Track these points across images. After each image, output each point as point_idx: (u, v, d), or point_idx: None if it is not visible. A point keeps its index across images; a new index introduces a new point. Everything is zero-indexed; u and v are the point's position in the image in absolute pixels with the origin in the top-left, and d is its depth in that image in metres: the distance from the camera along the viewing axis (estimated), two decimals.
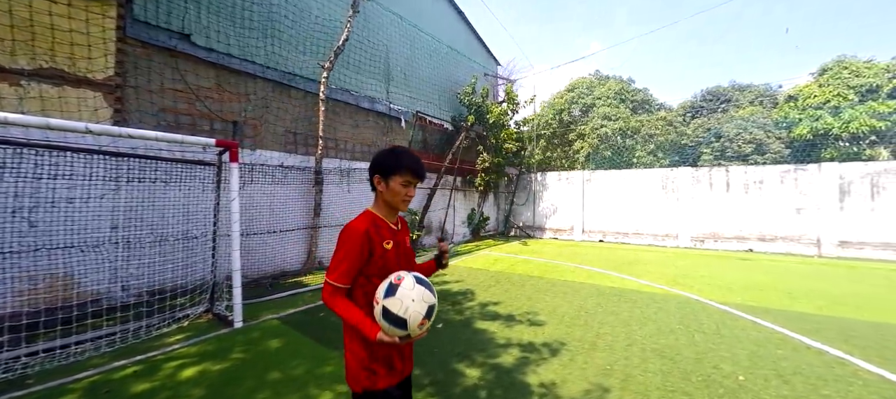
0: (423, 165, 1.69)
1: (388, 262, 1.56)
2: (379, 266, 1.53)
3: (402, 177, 1.57)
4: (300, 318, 4.73)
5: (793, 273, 7.57)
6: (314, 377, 3.16)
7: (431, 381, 3.07)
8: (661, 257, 9.43)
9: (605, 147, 20.31)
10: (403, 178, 1.57)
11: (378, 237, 1.54)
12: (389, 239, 1.59)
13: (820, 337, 4.04)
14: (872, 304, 5.34)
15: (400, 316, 1.33)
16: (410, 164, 1.58)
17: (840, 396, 2.86)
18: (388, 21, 9.25)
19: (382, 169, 1.58)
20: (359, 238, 1.48)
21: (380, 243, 1.54)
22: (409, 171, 1.57)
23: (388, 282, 1.40)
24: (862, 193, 9.71)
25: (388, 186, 1.57)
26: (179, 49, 5.82)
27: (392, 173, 1.57)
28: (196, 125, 6.01)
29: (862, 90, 17.26)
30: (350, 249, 1.47)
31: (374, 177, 1.60)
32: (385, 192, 1.58)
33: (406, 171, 1.57)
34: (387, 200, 1.60)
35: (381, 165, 1.59)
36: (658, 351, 3.62)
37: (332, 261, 1.49)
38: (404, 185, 1.58)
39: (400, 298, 1.35)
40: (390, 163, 1.57)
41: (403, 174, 1.57)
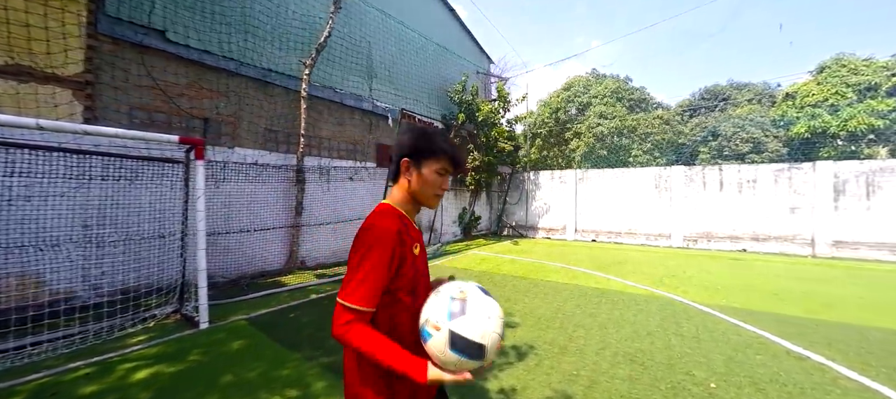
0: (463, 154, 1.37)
1: (418, 271, 1.24)
2: (409, 277, 1.18)
3: (439, 163, 1.24)
4: (269, 318, 4.62)
5: (783, 274, 7.42)
6: (267, 381, 3.04)
7: None
8: (651, 257, 9.29)
9: (601, 146, 20.17)
10: (440, 164, 1.25)
11: (408, 239, 1.20)
12: (417, 241, 1.28)
13: (803, 341, 3.91)
14: (862, 306, 5.20)
15: (476, 342, 1.01)
16: (451, 149, 1.28)
17: None
18: (372, 18, 9.12)
19: (415, 151, 1.24)
20: (390, 242, 1.12)
21: (411, 248, 1.21)
22: (448, 158, 1.26)
23: (449, 298, 1.08)
24: (857, 193, 9.54)
25: (421, 174, 1.24)
26: (154, 45, 5.70)
27: (427, 158, 1.24)
28: (171, 123, 5.90)
29: (860, 88, 17.06)
30: (379, 258, 1.09)
31: (401, 161, 1.25)
32: (414, 182, 1.25)
33: (444, 158, 1.25)
34: (415, 192, 1.26)
35: (413, 148, 1.25)
36: (630, 356, 3.49)
37: (348, 275, 1.11)
38: (440, 173, 1.26)
39: (472, 318, 1.03)
40: (426, 145, 1.24)
41: (441, 160, 1.25)
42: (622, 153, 20.08)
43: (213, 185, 6.04)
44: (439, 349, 1.02)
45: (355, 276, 1.09)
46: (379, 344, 1.04)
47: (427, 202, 1.30)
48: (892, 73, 17.00)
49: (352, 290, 1.08)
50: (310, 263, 7.76)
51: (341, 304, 1.08)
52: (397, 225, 1.16)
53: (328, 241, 8.21)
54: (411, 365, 1.02)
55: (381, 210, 1.22)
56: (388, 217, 1.17)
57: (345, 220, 8.48)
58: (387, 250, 1.10)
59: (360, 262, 1.10)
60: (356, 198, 8.80)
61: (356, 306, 1.06)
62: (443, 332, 1.02)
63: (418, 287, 1.22)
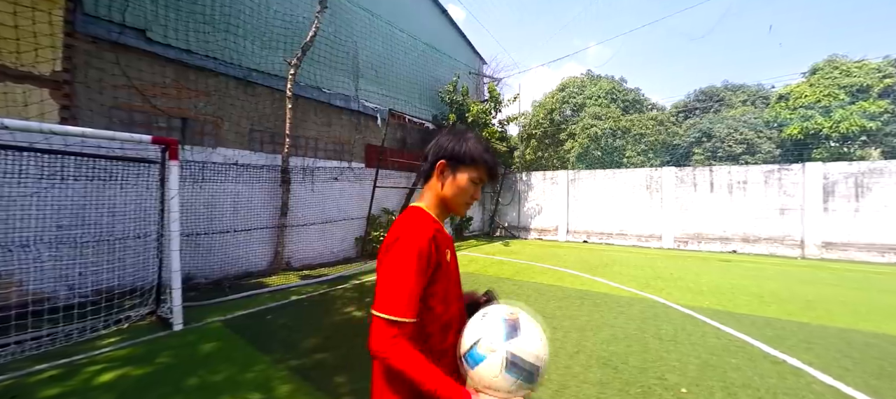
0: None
1: (451, 279, 1.18)
2: (443, 285, 1.12)
3: (475, 171, 1.20)
4: (245, 321, 4.56)
5: (771, 275, 7.41)
6: (233, 384, 2.99)
7: (353, 390, 2.90)
8: (640, 259, 9.27)
9: (595, 147, 20.16)
10: (477, 173, 1.20)
11: (443, 245, 1.15)
12: (449, 247, 1.21)
13: (781, 345, 3.88)
14: (845, 308, 5.18)
15: (534, 365, 0.98)
16: (491, 160, 1.22)
17: None
18: (360, 18, 9.07)
19: (454, 155, 1.19)
20: (428, 247, 1.06)
21: (444, 254, 1.15)
22: (486, 167, 1.21)
23: (501, 319, 1.03)
24: (846, 194, 9.55)
25: (455, 179, 1.19)
26: (134, 45, 5.65)
27: (464, 164, 1.20)
28: (151, 122, 5.85)
29: (852, 90, 17.12)
30: (418, 264, 1.03)
31: (438, 163, 1.20)
32: (447, 186, 1.20)
33: (482, 166, 1.21)
34: (445, 197, 1.21)
35: (452, 152, 1.19)
36: (604, 359, 3.45)
37: (384, 284, 1.02)
38: (474, 182, 1.21)
39: (528, 340, 0.99)
40: (464, 151, 1.19)
41: (479, 169, 1.20)
42: (616, 154, 20.09)
43: (193, 185, 5.99)
44: (493, 372, 0.96)
45: (394, 284, 1.00)
46: (423, 367, 0.96)
47: (456, 210, 1.25)
48: (884, 75, 17.07)
49: (394, 300, 0.99)
50: (295, 264, 7.70)
51: (384, 318, 0.98)
52: (432, 229, 1.10)
53: (315, 242, 8.16)
54: (456, 393, 0.95)
55: (414, 213, 1.17)
56: (423, 221, 1.12)
57: (331, 221, 8.43)
58: (424, 256, 1.04)
59: (398, 268, 1.02)
60: (344, 198, 8.76)
61: (402, 318, 0.98)
62: (498, 353, 0.97)
63: (450, 295, 1.15)
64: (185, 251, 6.03)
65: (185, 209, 6.00)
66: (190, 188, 6.02)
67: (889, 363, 3.47)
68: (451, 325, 1.13)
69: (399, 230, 1.08)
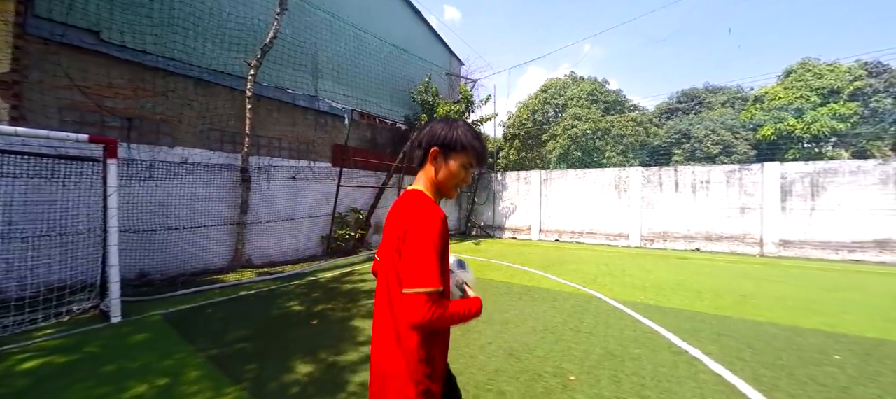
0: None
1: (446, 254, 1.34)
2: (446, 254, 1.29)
3: (465, 157, 1.32)
4: (185, 314, 4.69)
5: (719, 272, 7.63)
6: (146, 370, 3.12)
7: (256, 376, 3.05)
8: (600, 257, 9.48)
9: (575, 147, 20.42)
10: (467, 158, 1.32)
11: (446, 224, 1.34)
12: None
13: (692, 337, 4.05)
14: (775, 303, 5.37)
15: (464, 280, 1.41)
16: (478, 145, 1.34)
17: (662, 396, 2.85)
18: (321, 20, 9.17)
19: (445, 142, 1.31)
20: (442, 228, 1.20)
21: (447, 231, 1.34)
22: (475, 153, 1.33)
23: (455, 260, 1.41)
24: (803, 193, 9.82)
25: (447, 165, 1.31)
26: (87, 46, 5.76)
27: (455, 150, 1.31)
28: (104, 122, 5.96)
29: (823, 92, 17.50)
30: (440, 243, 1.18)
31: (430, 150, 1.31)
32: (441, 171, 1.32)
33: (471, 152, 1.32)
34: (438, 181, 1.33)
35: (444, 139, 1.31)
36: (511, 350, 3.62)
37: (415, 263, 1.13)
38: (465, 167, 1.34)
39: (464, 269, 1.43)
40: (454, 138, 1.31)
41: (468, 154, 1.32)
42: (596, 154, 20.36)
43: (146, 182, 6.11)
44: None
45: (424, 262, 1.12)
46: (459, 308, 1.19)
47: (447, 193, 1.38)
48: (854, 77, 17.46)
49: (427, 276, 1.11)
50: (257, 261, 7.82)
51: (423, 292, 1.10)
52: (443, 213, 1.23)
53: (278, 240, 8.28)
54: (475, 304, 1.25)
55: (419, 198, 1.27)
56: (433, 205, 1.24)
57: (295, 219, 8.56)
58: (442, 236, 1.18)
59: (424, 249, 1.14)
60: (308, 197, 8.89)
61: (436, 288, 1.11)
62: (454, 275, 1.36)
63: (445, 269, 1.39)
64: (138, 248, 6.16)
65: (138, 206, 6.13)
66: (144, 186, 6.14)
67: (787, 354, 3.64)
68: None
69: (413, 215, 1.19)
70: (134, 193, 6.04)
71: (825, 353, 3.62)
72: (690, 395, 2.86)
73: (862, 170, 9.27)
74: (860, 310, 5.05)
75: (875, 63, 17.68)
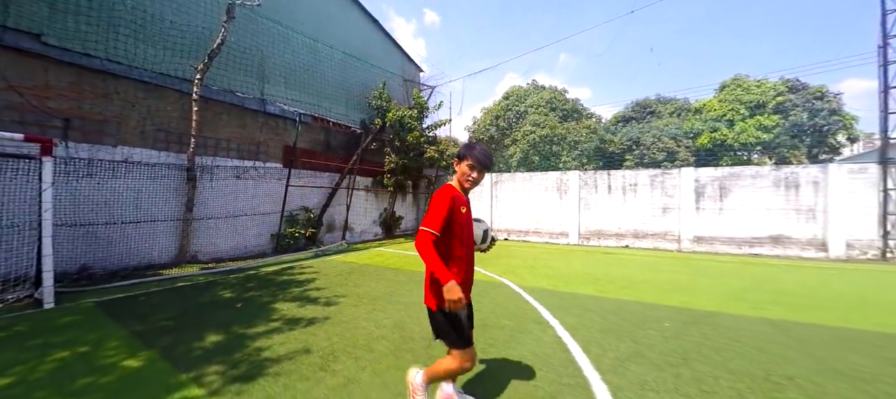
0: (492, 159, 2.31)
1: (462, 222, 2.13)
2: (459, 223, 2.10)
3: (468, 161, 2.16)
4: (118, 301, 5.08)
5: (629, 264, 8.60)
6: (71, 342, 3.55)
7: (170, 344, 3.55)
8: (533, 252, 10.34)
9: (533, 153, 21.49)
10: (469, 162, 2.16)
11: (458, 203, 2.12)
12: (464, 205, 2.18)
13: (560, 312, 4.71)
14: (653, 288, 6.24)
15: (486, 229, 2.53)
16: (478, 154, 2.16)
17: (503, 350, 3.57)
18: (267, 28, 9.54)
19: (459, 154, 2.21)
20: (449, 199, 2.03)
21: (459, 208, 2.12)
22: (476, 159, 2.15)
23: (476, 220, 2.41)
24: (713, 195, 11.05)
25: (459, 167, 2.19)
26: (27, 48, 6.03)
27: (462, 159, 2.18)
28: (46, 123, 6.22)
29: (751, 106, 19.30)
30: (442, 207, 2.00)
31: (453, 160, 2.25)
32: (457, 172, 2.20)
33: (473, 158, 2.15)
34: (458, 178, 2.20)
35: (458, 153, 2.23)
36: (400, 323, 4.25)
37: (426, 216, 2.02)
38: (469, 168, 2.16)
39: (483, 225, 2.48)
40: (463, 151, 2.20)
41: (469, 160, 2.16)
42: (553, 159, 21.51)
43: (87, 180, 6.40)
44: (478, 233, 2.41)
45: (431, 214, 2.00)
46: (431, 256, 1.92)
47: (463, 184, 2.20)
48: (777, 93, 19.36)
49: (428, 222, 1.99)
50: (203, 258, 8.16)
51: (423, 229, 1.97)
52: (452, 193, 2.09)
53: (226, 238, 8.64)
54: (443, 273, 1.90)
55: (446, 186, 2.15)
56: (449, 189, 2.12)
57: (242, 217, 8.93)
58: (447, 203, 2.02)
59: (433, 208, 2.02)
60: (258, 196, 9.29)
61: (430, 229, 1.97)
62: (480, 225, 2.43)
63: (464, 230, 2.15)
64: (81, 243, 6.43)
65: (81, 203, 6.41)
66: (85, 183, 6.43)
67: (629, 323, 4.39)
68: (463, 243, 2.15)
69: (437, 192, 2.09)
70: (76, 190, 6.33)
71: (660, 321, 4.46)
72: (526, 349, 3.57)
73: (759, 175, 10.58)
74: (718, 291, 6.02)
75: (794, 80, 19.66)
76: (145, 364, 3.13)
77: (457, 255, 2.12)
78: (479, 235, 2.42)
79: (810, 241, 10.04)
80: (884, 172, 9.46)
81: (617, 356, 3.39)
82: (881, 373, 3.11)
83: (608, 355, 3.41)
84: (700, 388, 2.80)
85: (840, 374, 3.10)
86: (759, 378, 2.99)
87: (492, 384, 2.84)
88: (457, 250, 2.12)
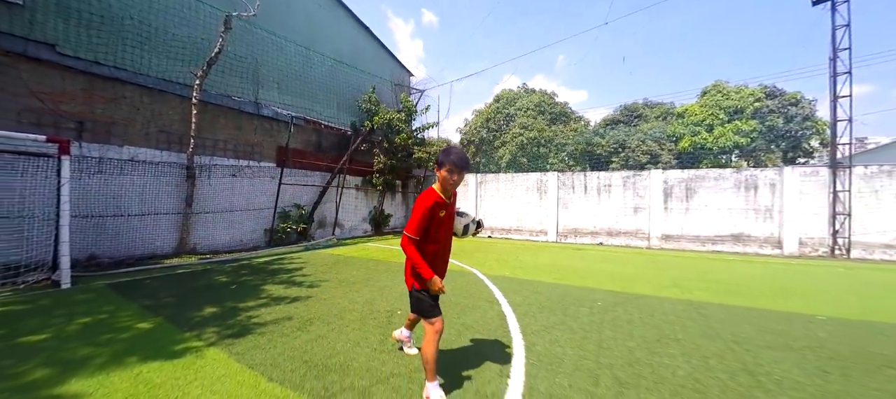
0: (468, 160, 2.47)
1: (441, 224, 2.42)
2: (434, 227, 2.38)
3: (447, 167, 2.37)
4: (127, 283, 5.78)
5: (594, 258, 9.33)
6: (90, 311, 4.24)
7: (174, 314, 4.24)
8: (510, 248, 11.07)
9: (522, 154, 22.24)
10: (448, 166, 2.36)
11: (437, 208, 2.36)
12: (443, 209, 2.43)
13: (512, 294, 5.36)
14: (604, 277, 6.94)
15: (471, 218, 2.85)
16: (454, 159, 2.37)
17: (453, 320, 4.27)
18: (260, 38, 10.25)
19: (438, 161, 2.43)
20: (427, 208, 2.29)
21: (438, 212, 2.37)
22: (452, 164, 2.35)
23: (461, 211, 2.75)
24: (680, 196, 11.81)
25: (440, 172, 2.39)
26: (44, 57, 6.71)
27: (441, 165, 2.38)
28: (60, 124, 6.90)
29: (730, 111, 20.11)
30: (421, 215, 2.28)
31: (435, 166, 2.45)
32: (439, 177, 2.41)
33: (450, 164, 2.36)
34: (440, 183, 2.42)
35: (438, 159, 2.45)
36: (370, 301, 4.95)
37: (409, 221, 2.34)
38: (449, 172, 2.36)
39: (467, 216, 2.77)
40: (441, 157, 2.41)
41: (447, 166, 2.36)
42: (541, 161, 22.27)
43: (96, 176, 7.09)
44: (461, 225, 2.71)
45: (412, 220, 2.32)
46: (415, 255, 2.30)
47: (446, 188, 2.44)
48: (755, 99, 20.18)
49: (409, 227, 2.33)
50: (202, 249, 8.84)
51: (405, 234, 2.35)
52: (432, 200, 2.32)
53: (223, 231, 9.33)
54: (425, 270, 2.30)
55: (428, 191, 2.39)
56: (430, 195, 2.36)
57: (238, 212, 9.62)
58: (426, 210, 2.29)
59: (414, 214, 2.31)
60: (253, 194, 9.97)
61: (411, 235, 2.31)
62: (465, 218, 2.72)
63: (439, 231, 2.44)
64: (90, 234, 7.11)
65: (90, 197, 7.09)
66: (95, 180, 7.11)
67: (566, 302, 5.06)
68: (436, 241, 2.46)
69: (419, 198, 2.34)
70: (86, 186, 7.01)
71: (594, 302, 5.17)
72: (472, 319, 4.28)
73: (722, 177, 11.34)
74: (660, 280, 6.73)
75: (772, 86, 20.48)
76: (154, 326, 3.83)
77: (429, 251, 2.42)
78: (459, 229, 2.66)
79: (767, 238, 10.80)
80: (833, 176, 10.24)
81: (544, 324, 4.11)
82: (754, 337, 3.84)
83: (537, 323, 4.14)
84: (598, 345, 3.52)
85: (720, 337, 3.82)
86: (651, 340, 3.71)
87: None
88: (429, 247, 2.43)
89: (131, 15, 7.73)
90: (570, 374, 2.90)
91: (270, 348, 3.27)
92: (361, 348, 3.30)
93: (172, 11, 8.35)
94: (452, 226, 2.63)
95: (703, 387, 2.74)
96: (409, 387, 2.62)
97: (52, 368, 2.81)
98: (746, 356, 3.33)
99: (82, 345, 3.30)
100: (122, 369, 2.81)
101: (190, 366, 2.89)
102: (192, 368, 2.84)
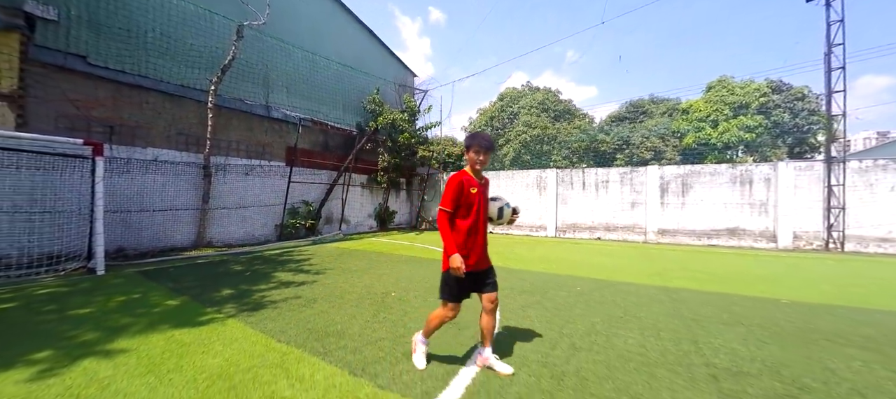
0: (492, 142, 2.68)
1: (472, 201, 2.55)
2: (466, 203, 2.54)
3: (473, 149, 2.60)
4: (154, 270, 6.42)
5: (587, 251, 9.70)
6: (125, 291, 4.86)
7: (197, 294, 4.83)
8: (507, 241, 11.49)
9: (525, 152, 22.57)
10: (474, 148, 2.59)
11: (467, 185, 2.55)
12: (475, 187, 2.60)
13: (500, 282, 5.95)
14: (592, 268, 7.35)
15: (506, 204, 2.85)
16: (479, 140, 2.59)
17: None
18: (271, 45, 10.83)
19: (466, 144, 2.66)
20: (457, 183, 2.51)
21: (469, 189, 2.56)
22: (478, 145, 2.58)
23: (494, 196, 2.83)
24: (676, 191, 12.07)
25: (468, 154, 2.62)
26: (77, 68, 7.41)
27: (469, 147, 2.62)
28: (91, 128, 7.60)
29: (735, 106, 20.10)
30: (451, 189, 2.50)
31: (464, 149, 2.69)
32: (468, 159, 2.64)
33: (476, 145, 2.58)
34: (469, 164, 2.64)
35: (466, 142, 2.69)
36: (368, 286, 5.48)
37: (442, 197, 2.54)
38: (476, 153, 2.58)
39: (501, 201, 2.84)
40: (468, 141, 2.65)
41: (474, 147, 2.59)
42: (544, 158, 22.57)
43: (123, 176, 7.78)
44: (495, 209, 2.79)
45: (445, 195, 2.53)
46: (445, 229, 2.49)
47: (474, 168, 2.63)
48: (761, 94, 20.13)
49: (443, 202, 2.53)
50: (217, 243, 9.51)
51: (440, 208, 2.55)
52: (460, 177, 2.54)
53: (237, 226, 9.99)
54: (450, 245, 2.44)
55: (459, 172, 2.59)
56: (460, 174, 2.58)
57: (251, 208, 10.28)
58: (456, 186, 2.50)
59: (446, 189, 2.53)
60: (265, 191, 10.62)
61: (444, 208, 2.51)
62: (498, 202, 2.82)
63: (472, 207, 2.57)
64: (118, 228, 7.81)
65: (117, 194, 7.78)
66: (122, 178, 7.81)
67: (551, 287, 5.51)
68: (468, 216, 2.58)
69: (449, 177, 2.56)
70: (115, 184, 7.70)
71: (573, 287, 5.60)
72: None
73: (717, 172, 11.57)
74: (644, 270, 7.10)
75: (778, 81, 20.38)
76: (181, 303, 4.42)
77: (460, 227, 2.55)
78: (495, 212, 2.74)
79: (762, 232, 11.01)
80: (827, 170, 10.39)
81: (521, 304, 4.58)
82: (712, 316, 4.22)
83: (516, 302, 4.61)
84: (565, 320, 3.97)
85: (681, 316, 4.22)
86: (615, 317, 4.13)
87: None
88: (462, 223, 2.56)
89: (154, 27, 8.40)
90: (534, 341, 3.37)
91: (280, 319, 3.81)
92: (356, 320, 3.82)
93: (190, 23, 9.01)
94: (486, 205, 2.73)
95: (646, 351, 3.17)
96: (393, 348, 3.12)
97: (101, 332, 3.40)
98: (698, 330, 3.73)
99: (122, 316, 3.89)
100: (158, 333, 3.38)
101: (213, 331, 3.45)
102: (215, 333, 3.40)
